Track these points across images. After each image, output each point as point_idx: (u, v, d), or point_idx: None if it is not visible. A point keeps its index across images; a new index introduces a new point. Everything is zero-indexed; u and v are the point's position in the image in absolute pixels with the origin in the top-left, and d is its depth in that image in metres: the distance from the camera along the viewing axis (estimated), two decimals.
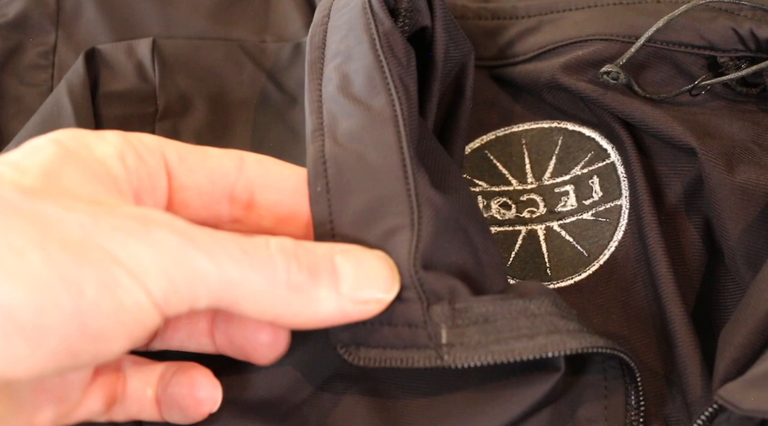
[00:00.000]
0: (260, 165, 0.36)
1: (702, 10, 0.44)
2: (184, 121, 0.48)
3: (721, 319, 0.41)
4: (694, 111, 0.45)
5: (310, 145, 0.37)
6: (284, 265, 0.32)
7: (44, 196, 0.30)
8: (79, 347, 0.30)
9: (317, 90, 0.39)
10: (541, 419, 0.37)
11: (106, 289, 0.29)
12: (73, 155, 0.32)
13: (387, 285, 0.34)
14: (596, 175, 0.45)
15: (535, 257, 0.44)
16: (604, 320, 0.42)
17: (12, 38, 0.51)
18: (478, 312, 0.34)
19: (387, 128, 0.37)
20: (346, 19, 0.40)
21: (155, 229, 0.31)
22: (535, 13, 0.48)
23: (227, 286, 0.31)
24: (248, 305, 0.32)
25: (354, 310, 0.33)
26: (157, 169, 0.34)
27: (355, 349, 0.35)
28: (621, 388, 0.37)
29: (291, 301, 0.32)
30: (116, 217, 0.30)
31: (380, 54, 0.38)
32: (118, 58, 0.49)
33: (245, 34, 0.51)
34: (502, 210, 0.45)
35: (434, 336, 0.34)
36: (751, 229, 0.41)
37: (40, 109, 0.46)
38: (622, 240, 0.43)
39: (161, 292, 0.30)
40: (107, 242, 0.30)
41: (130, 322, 0.30)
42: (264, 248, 0.32)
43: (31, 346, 0.29)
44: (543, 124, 0.47)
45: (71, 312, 0.29)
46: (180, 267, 0.31)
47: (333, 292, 0.33)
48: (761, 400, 0.32)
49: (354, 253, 0.34)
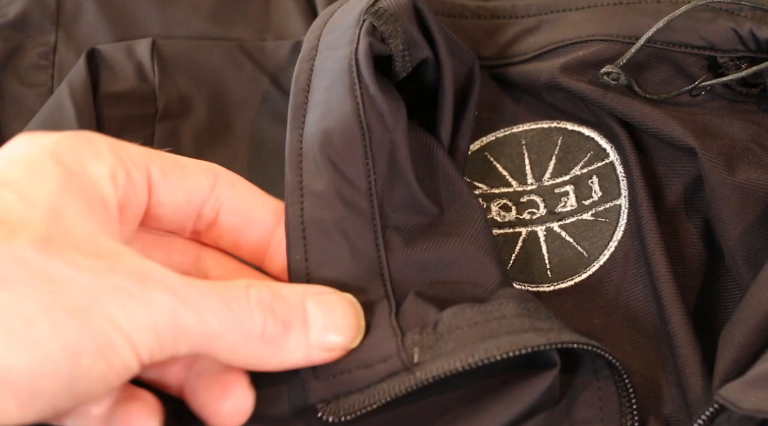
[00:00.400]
0: (232, 187, 0.38)
1: (702, 10, 0.44)
2: (183, 121, 0.48)
3: (721, 319, 0.41)
4: (694, 111, 0.45)
5: (290, 205, 0.38)
6: (261, 320, 0.34)
7: (54, 253, 0.31)
8: (63, 406, 0.31)
9: (297, 141, 0.40)
10: (538, 422, 0.37)
11: (101, 354, 0.31)
12: (72, 180, 0.33)
13: (353, 333, 0.36)
14: (596, 175, 0.45)
15: (535, 259, 0.44)
16: (604, 320, 0.42)
17: (12, 38, 0.51)
18: (444, 327, 0.35)
19: (362, 203, 0.38)
20: (332, 67, 0.40)
21: (153, 290, 0.32)
22: (535, 12, 0.48)
23: (207, 339, 0.33)
24: (223, 355, 0.34)
25: (318, 357, 0.35)
26: (141, 185, 0.36)
27: (335, 404, 0.36)
28: (613, 388, 0.37)
29: (262, 352, 0.34)
30: (118, 275, 0.32)
31: (363, 121, 0.39)
32: (117, 59, 0.49)
33: (245, 34, 0.51)
34: (502, 212, 0.45)
35: (407, 359, 0.35)
36: (751, 229, 0.41)
37: (41, 110, 0.46)
38: (622, 240, 0.43)
39: (148, 351, 0.32)
40: (109, 305, 0.31)
41: (113, 380, 0.32)
42: (245, 303, 0.34)
43: (21, 406, 0.30)
44: (542, 125, 0.47)
45: (65, 378, 0.31)
46: (170, 327, 0.32)
47: (302, 340, 0.35)
48: (762, 400, 0.33)
49: (325, 299, 0.36)
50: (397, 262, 0.38)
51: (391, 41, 0.40)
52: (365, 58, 0.39)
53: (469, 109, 0.44)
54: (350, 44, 0.40)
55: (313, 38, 0.42)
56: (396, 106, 0.39)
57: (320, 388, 0.36)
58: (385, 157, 0.39)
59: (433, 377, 0.34)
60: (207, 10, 0.52)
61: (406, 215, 0.39)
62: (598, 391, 0.37)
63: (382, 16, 0.40)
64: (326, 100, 0.40)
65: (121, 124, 0.47)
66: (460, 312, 0.36)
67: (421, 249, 0.39)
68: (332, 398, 0.36)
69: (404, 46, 0.40)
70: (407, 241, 0.39)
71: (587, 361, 0.38)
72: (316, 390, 0.36)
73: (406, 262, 0.38)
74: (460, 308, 0.36)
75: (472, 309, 0.36)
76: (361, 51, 0.39)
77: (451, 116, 0.42)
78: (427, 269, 0.38)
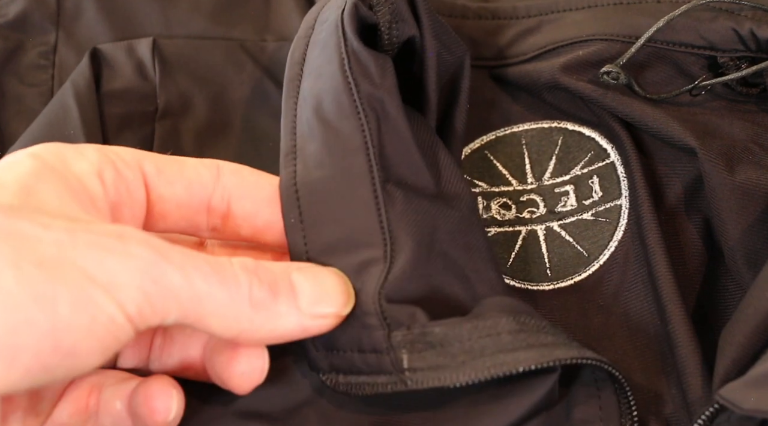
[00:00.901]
0: (237, 174, 0.38)
1: (702, 10, 0.43)
2: (184, 120, 0.48)
3: (721, 320, 0.40)
4: (694, 111, 0.45)
5: (283, 169, 0.38)
6: (247, 282, 0.33)
7: (22, 214, 0.31)
8: (53, 363, 0.30)
9: (293, 109, 0.40)
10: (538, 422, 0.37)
11: (80, 305, 0.30)
12: (51, 170, 0.33)
13: (342, 300, 0.35)
14: (596, 175, 0.45)
15: (535, 258, 0.44)
16: (604, 320, 0.42)
17: (12, 38, 0.51)
18: (434, 337, 0.35)
19: (357, 157, 0.37)
20: (324, 35, 0.41)
21: (132, 245, 0.32)
22: (536, 13, 0.48)
23: (195, 301, 0.32)
24: (213, 321, 0.33)
25: (312, 325, 0.35)
26: (135, 182, 0.35)
27: (335, 376, 0.36)
28: (611, 388, 0.37)
29: (253, 317, 0.33)
30: (93, 233, 0.31)
31: (348, 76, 0.39)
32: (118, 58, 0.49)
33: (245, 34, 0.51)
34: (502, 210, 0.45)
35: (396, 362, 0.35)
36: (751, 229, 0.41)
37: (45, 110, 0.47)
38: (622, 240, 0.43)
39: (135, 306, 0.31)
40: (83, 260, 0.30)
41: (104, 337, 0.31)
42: (228, 266, 0.33)
43: (6, 363, 0.29)
44: (543, 124, 0.47)
45: (45, 330, 0.30)
46: (154, 281, 0.31)
47: (292, 307, 0.34)
48: (762, 400, 0.32)
49: (310, 270, 0.35)
50: (396, 215, 0.37)
51: (378, 9, 0.40)
52: (350, 16, 0.40)
53: (461, 98, 0.43)
54: (339, 8, 0.40)
55: (310, 18, 0.43)
56: (382, 62, 0.39)
57: (319, 358, 0.36)
58: (376, 112, 0.38)
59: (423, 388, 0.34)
60: (207, 10, 0.52)
61: (408, 173, 0.39)
62: (597, 390, 0.37)
63: None
64: (318, 65, 0.40)
65: (121, 122, 0.47)
66: (452, 325, 0.35)
67: (419, 209, 0.38)
68: (331, 371, 0.36)
69: (391, 16, 0.40)
70: (407, 198, 0.38)
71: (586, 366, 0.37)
72: (316, 359, 0.36)
73: (406, 218, 0.37)
74: (451, 322, 0.35)
75: (465, 324, 0.35)
76: (347, 10, 0.40)
77: (435, 101, 0.42)
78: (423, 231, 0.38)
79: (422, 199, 0.38)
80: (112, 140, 0.46)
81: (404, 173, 0.39)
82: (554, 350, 0.35)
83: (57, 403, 0.36)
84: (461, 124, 0.43)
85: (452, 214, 0.39)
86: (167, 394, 0.35)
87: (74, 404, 0.36)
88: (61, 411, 0.36)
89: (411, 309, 0.36)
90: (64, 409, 0.36)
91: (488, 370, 0.34)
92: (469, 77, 0.44)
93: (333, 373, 0.36)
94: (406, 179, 0.38)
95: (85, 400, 0.36)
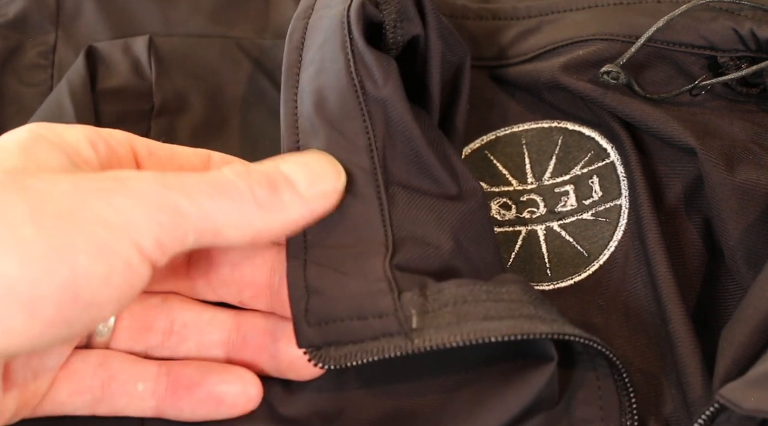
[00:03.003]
0: (226, 164, 0.37)
1: (702, 10, 0.44)
2: (180, 118, 0.48)
3: (721, 319, 0.41)
4: (694, 111, 0.45)
5: None
6: (246, 186, 0.34)
7: (28, 173, 0.31)
8: (73, 316, 0.31)
9: (293, 101, 0.40)
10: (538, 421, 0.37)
11: (98, 254, 0.31)
12: (46, 138, 0.34)
13: (335, 174, 0.36)
14: (596, 175, 0.45)
15: (535, 257, 0.44)
16: (604, 320, 0.42)
17: (12, 38, 0.51)
18: (448, 296, 0.35)
19: (361, 158, 0.38)
20: (326, 25, 0.40)
21: (132, 182, 0.32)
22: (536, 13, 0.48)
23: (207, 218, 0.33)
24: (230, 231, 0.34)
25: (318, 206, 0.36)
26: (127, 159, 0.36)
27: (325, 351, 0.35)
28: (612, 386, 0.37)
29: (264, 216, 0.34)
30: (95, 180, 0.32)
31: (354, 78, 0.39)
32: (114, 56, 0.49)
33: (245, 33, 0.51)
34: (502, 210, 0.45)
35: (405, 321, 0.34)
36: (752, 229, 0.41)
37: (40, 108, 0.46)
38: (622, 240, 0.43)
39: (152, 240, 0.32)
40: (95, 205, 0.31)
41: (121, 285, 0.31)
42: (224, 177, 0.34)
43: (28, 316, 0.30)
44: (543, 124, 0.47)
45: (65, 280, 0.30)
46: (164, 210, 0.32)
47: (295, 195, 0.35)
48: (763, 399, 0.32)
49: (296, 159, 0.36)
50: (399, 218, 0.37)
51: (384, 7, 0.40)
52: (356, 16, 0.39)
53: (461, 98, 0.43)
54: (344, 2, 0.40)
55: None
56: (386, 63, 0.39)
57: (312, 333, 0.35)
58: (381, 114, 0.39)
59: (431, 347, 0.34)
60: (207, 10, 0.52)
61: (412, 175, 0.39)
62: (598, 389, 0.37)
63: None
64: (320, 59, 0.40)
65: (117, 120, 0.47)
66: (466, 285, 0.35)
67: (424, 210, 0.38)
68: (323, 345, 0.35)
69: (396, 15, 0.40)
70: (411, 199, 0.38)
71: (586, 360, 0.37)
72: (307, 334, 0.35)
73: (409, 220, 0.37)
74: (465, 282, 0.35)
75: (478, 286, 0.35)
76: (354, 8, 0.40)
77: (438, 100, 0.42)
78: (429, 232, 0.38)
79: (429, 198, 0.38)
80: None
81: (410, 174, 0.39)
82: (564, 326, 0.35)
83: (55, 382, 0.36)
84: (462, 124, 0.44)
85: (463, 208, 0.39)
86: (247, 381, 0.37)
87: (75, 384, 0.36)
88: (60, 390, 0.36)
89: (422, 278, 0.36)
90: (62, 387, 0.36)
91: (498, 331, 0.34)
92: (469, 77, 0.44)
93: (323, 348, 0.35)
94: (412, 181, 0.39)
95: (88, 381, 0.36)
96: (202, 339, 0.38)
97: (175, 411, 0.37)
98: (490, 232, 0.40)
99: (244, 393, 0.37)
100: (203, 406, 0.37)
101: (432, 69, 0.42)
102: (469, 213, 0.39)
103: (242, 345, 0.38)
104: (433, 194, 0.39)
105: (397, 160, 0.38)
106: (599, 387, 0.37)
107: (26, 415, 0.36)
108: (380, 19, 0.40)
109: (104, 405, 0.36)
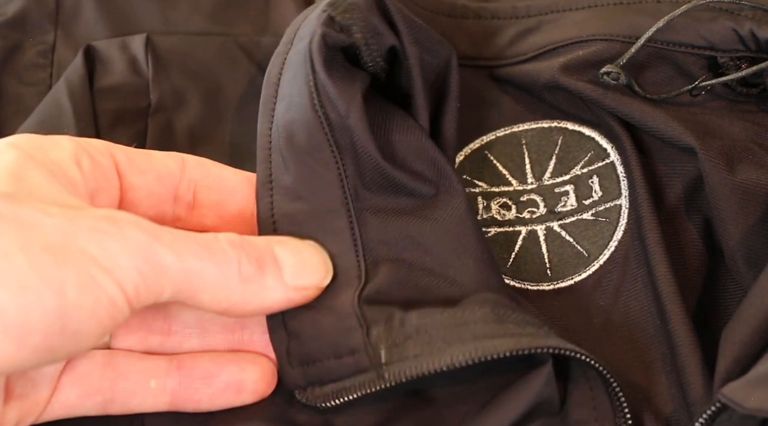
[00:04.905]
0: (201, 166, 0.39)
1: (702, 10, 0.44)
2: (177, 115, 0.48)
3: (721, 319, 0.41)
4: (694, 111, 0.45)
5: (260, 199, 0.39)
6: (236, 257, 0.35)
7: (20, 201, 0.32)
8: (58, 344, 0.31)
9: (267, 135, 0.40)
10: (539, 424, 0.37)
11: (86, 288, 0.31)
12: (32, 158, 0.34)
13: (323, 272, 0.37)
14: (596, 175, 0.45)
15: (535, 258, 0.44)
16: (604, 320, 0.42)
17: (11, 37, 0.51)
18: (409, 328, 0.35)
19: (332, 190, 0.38)
20: (295, 60, 0.41)
21: (126, 228, 0.33)
22: (535, 13, 0.48)
23: (188, 277, 0.33)
24: (206, 296, 0.34)
25: (297, 296, 0.36)
26: (109, 170, 0.36)
27: (311, 390, 0.36)
28: (602, 388, 0.37)
29: (243, 291, 0.35)
30: (90, 218, 0.32)
31: (318, 110, 0.39)
32: (111, 54, 0.49)
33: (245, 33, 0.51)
34: (502, 210, 0.45)
35: (374, 357, 0.35)
36: (752, 229, 0.41)
37: (39, 107, 0.46)
38: (622, 240, 0.43)
39: (133, 287, 0.32)
40: (85, 243, 0.32)
41: (104, 319, 0.32)
42: (216, 242, 0.35)
43: (16, 343, 0.30)
44: (543, 124, 0.47)
45: (54, 311, 0.31)
46: (148, 262, 0.33)
47: (278, 281, 0.35)
48: (764, 399, 0.32)
49: (291, 244, 0.37)
50: (372, 242, 0.38)
51: (350, 31, 0.40)
52: (318, 48, 0.40)
53: (450, 98, 0.43)
54: (310, 35, 0.41)
55: (290, 32, 0.43)
56: (349, 92, 0.40)
57: (296, 375, 0.36)
58: (347, 143, 0.39)
59: (401, 380, 0.34)
60: (207, 10, 0.52)
61: (385, 197, 0.39)
62: (590, 391, 0.37)
63: (339, 6, 0.41)
64: (289, 94, 0.41)
65: (114, 118, 0.47)
66: (428, 315, 0.36)
67: (397, 231, 0.39)
68: (307, 386, 0.36)
69: (363, 34, 0.40)
70: (383, 223, 0.39)
71: (576, 364, 0.37)
72: (292, 376, 0.36)
73: (382, 243, 0.38)
74: (427, 312, 0.36)
75: (439, 314, 0.36)
76: (315, 41, 0.40)
77: (424, 105, 0.42)
78: (403, 252, 0.38)
79: (403, 217, 0.39)
80: (105, 136, 0.46)
81: (382, 196, 0.39)
82: (534, 339, 0.35)
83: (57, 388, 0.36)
84: (452, 124, 0.43)
85: (443, 216, 0.40)
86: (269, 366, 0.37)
87: (84, 386, 0.36)
88: (68, 393, 0.36)
89: (389, 309, 0.36)
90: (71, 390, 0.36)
91: (464, 355, 0.34)
92: (457, 77, 0.44)
93: (309, 388, 0.36)
94: (385, 202, 0.39)
95: (97, 383, 0.36)
96: (206, 337, 0.38)
97: (193, 404, 0.37)
98: (473, 236, 0.40)
99: (263, 378, 0.37)
100: (223, 396, 0.37)
101: (413, 75, 0.42)
102: (449, 221, 0.39)
103: (249, 343, 0.38)
104: (408, 211, 0.39)
105: (368, 185, 0.39)
106: (591, 388, 0.37)
107: (31, 422, 0.36)
108: (349, 42, 0.40)
109: (117, 405, 0.37)
